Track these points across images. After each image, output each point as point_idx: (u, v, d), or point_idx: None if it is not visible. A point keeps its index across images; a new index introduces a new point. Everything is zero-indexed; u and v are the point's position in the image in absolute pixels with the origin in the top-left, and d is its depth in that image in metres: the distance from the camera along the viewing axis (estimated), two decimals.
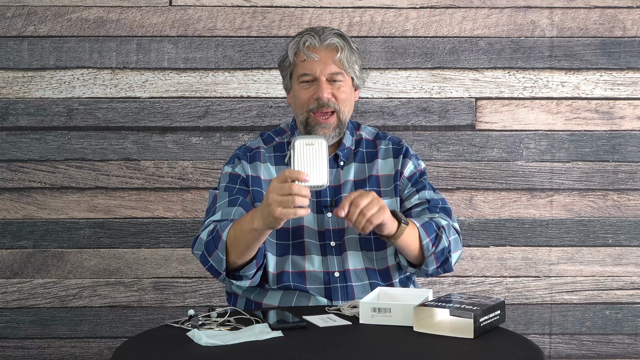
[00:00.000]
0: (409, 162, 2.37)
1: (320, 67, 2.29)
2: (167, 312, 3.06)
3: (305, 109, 2.31)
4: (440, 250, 2.23)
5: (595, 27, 3.07)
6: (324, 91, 2.28)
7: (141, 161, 3.04)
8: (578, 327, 3.12)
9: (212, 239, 2.17)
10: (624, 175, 3.09)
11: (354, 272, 2.28)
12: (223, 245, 2.14)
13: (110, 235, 3.04)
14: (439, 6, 3.05)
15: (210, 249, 2.17)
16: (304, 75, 2.31)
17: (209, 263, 2.19)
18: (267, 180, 2.33)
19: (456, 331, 1.87)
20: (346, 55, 2.30)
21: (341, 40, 2.31)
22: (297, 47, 2.32)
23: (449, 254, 2.25)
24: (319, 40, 2.30)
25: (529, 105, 3.08)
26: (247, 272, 2.21)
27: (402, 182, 2.35)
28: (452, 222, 2.31)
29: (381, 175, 2.36)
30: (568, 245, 3.10)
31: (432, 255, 2.22)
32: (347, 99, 2.33)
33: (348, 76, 2.33)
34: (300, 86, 2.32)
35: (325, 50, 2.30)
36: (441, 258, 2.24)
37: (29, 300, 3.05)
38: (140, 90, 3.03)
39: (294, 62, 2.33)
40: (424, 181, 2.37)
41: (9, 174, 3.02)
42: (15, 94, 3.01)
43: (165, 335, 1.91)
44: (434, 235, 2.21)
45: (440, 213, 2.31)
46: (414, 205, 2.33)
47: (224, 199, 2.29)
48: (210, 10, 3.03)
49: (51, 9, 3.00)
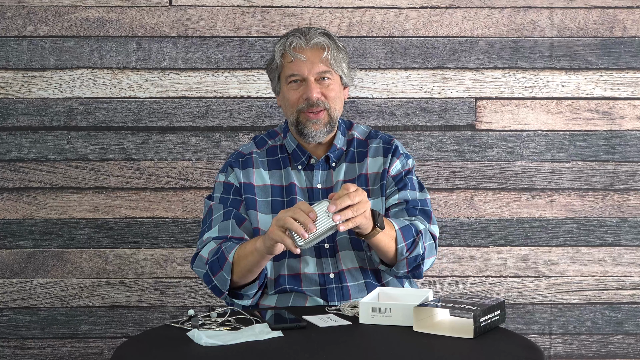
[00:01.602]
0: (397, 160, 2.37)
1: (307, 67, 2.29)
2: (167, 312, 3.06)
3: (295, 109, 2.31)
4: (414, 257, 2.23)
5: (595, 27, 3.06)
6: (313, 91, 2.29)
7: (141, 161, 3.04)
8: (578, 327, 3.12)
9: (217, 260, 2.19)
10: (624, 175, 3.09)
11: (349, 272, 2.29)
12: (229, 267, 2.17)
13: (110, 235, 3.04)
14: (439, 6, 3.05)
15: (214, 269, 2.20)
16: (292, 76, 2.31)
17: (213, 283, 2.22)
18: (260, 185, 2.34)
19: (456, 331, 1.87)
20: (333, 53, 2.31)
21: (327, 39, 2.32)
22: (284, 48, 2.32)
23: (422, 260, 2.25)
24: (304, 41, 2.30)
25: (529, 105, 3.07)
26: (248, 292, 2.24)
27: (387, 180, 2.35)
28: (430, 225, 2.31)
29: (370, 173, 2.36)
30: (568, 245, 3.10)
31: (404, 260, 2.22)
32: (337, 96, 2.33)
33: (336, 74, 2.33)
34: (289, 87, 2.32)
35: (312, 50, 2.30)
36: (413, 264, 2.25)
37: (29, 300, 3.05)
38: (140, 90, 3.03)
39: (281, 63, 2.33)
40: (408, 180, 2.36)
41: (9, 174, 3.02)
42: (15, 94, 3.01)
43: (165, 335, 1.91)
44: (410, 241, 2.21)
45: (418, 216, 2.31)
46: (393, 204, 2.33)
47: (219, 211, 2.31)
48: (210, 10, 3.03)
49: (51, 9, 3.00)
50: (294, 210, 2.00)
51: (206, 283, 2.24)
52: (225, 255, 2.17)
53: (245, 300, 2.25)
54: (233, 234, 2.26)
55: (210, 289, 2.24)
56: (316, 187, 2.34)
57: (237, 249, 2.18)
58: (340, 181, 2.34)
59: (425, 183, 2.85)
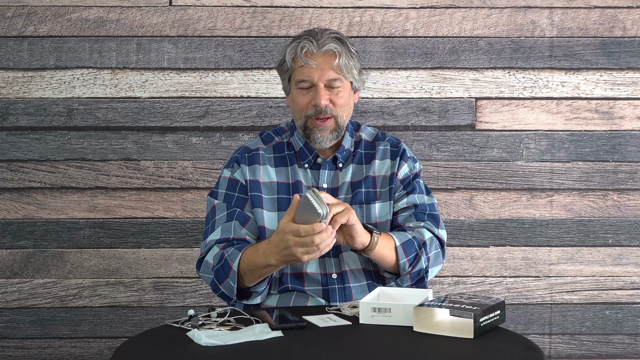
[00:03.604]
0: (405, 164, 2.37)
1: (318, 74, 2.28)
2: (167, 312, 3.06)
3: (304, 114, 2.30)
4: (417, 271, 2.25)
5: (595, 27, 3.06)
6: (322, 98, 2.28)
7: (141, 161, 3.04)
8: (578, 327, 3.12)
9: (222, 268, 2.20)
10: (624, 175, 3.09)
11: (352, 273, 2.29)
12: (234, 276, 2.17)
13: (110, 235, 3.04)
14: (439, 6, 3.05)
15: (220, 278, 2.21)
16: (302, 82, 2.30)
17: (220, 291, 2.23)
18: (267, 182, 2.33)
19: (456, 331, 1.87)
20: (344, 60, 2.29)
21: (339, 45, 2.29)
22: (295, 53, 2.30)
23: (425, 274, 2.27)
24: (316, 46, 2.28)
25: (529, 105, 3.07)
26: (258, 289, 2.24)
27: (396, 184, 2.35)
28: (438, 230, 2.32)
29: (377, 176, 2.36)
30: (568, 245, 3.10)
31: (407, 274, 2.25)
32: (346, 103, 2.32)
33: (347, 80, 2.32)
34: (298, 92, 2.31)
35: (323, 57, 2.29)
36: (417, 277, 2.26)
37: (29, 300, 3.05)
38: (140, 90, 3.03)
39: (292, 67, 2.32)
40: (416, 184, 2.36)
41: (9, 174, 3.02)
42: (15, 94, 3.01)
43: (165, 335, 1.91)
44: (413, 256, 2.22)
45: (427, 221, 2.31)
46: (402, 209, 2.34)
47: (223, 212, 2.31)
48: (210, 10, 3.03)
49: (51, 9, 3.00)
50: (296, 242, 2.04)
51: (214, 291, 2.25)
52: (230, 263, 2.17)
53: (254, 297, 2.25)
54: (235, 236, 2.26)
55: (219, 296, 2.26)
56: (322, 187, 2.34)
57: (242, 257, 2.18)
58: (347, 182, 2.34)
59: (425, 183, 2.85)
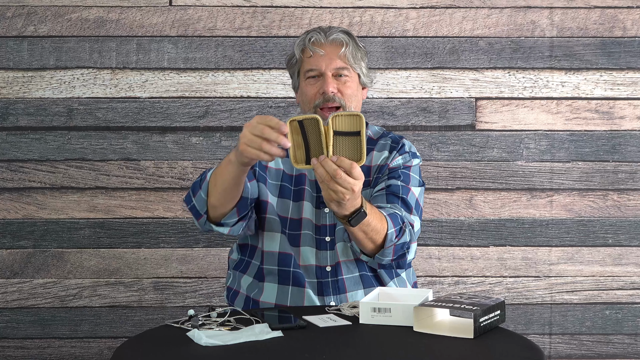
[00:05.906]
0: (399, 157, 2.36)
1: (325, 62, 2.32)
2: (167, 312, 3.07)
3: (312, 104, 2.32)
4: (401, 244, 2.19)
5: (595, 27, 3.06)
6: (329, 85, 2.30)
7: (141, 161, 3.04)
8: (578, 327, 3.12)
9: (199, 181, 2.20)
10: (624, 175, 3.09)
11: (344, 264, 2.30)
12: (206, 186, 2.16)
13: (110, 235, 3.05)
14: (439, 6, 3.05)
15: (195, 190, 2.20)
16: (310, 71, 2.33)
17: (192, 203, 2.20)
18: (273, 169, 2.35)
19: (456, 331, 1.87)
20: (351, 50, 2.33)
21: (346, 37, 2.35)
22: (303, 43, 2.35)
23: (407, 249, 2.22)
24: (324, 36, 2.34)
25: (529, 105, 3.07)
26: (228, 220, 2.20)
27: (383, 172, 2.35)
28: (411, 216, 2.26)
29: (372, 165, 2.37)
30: (568, 245, 3.10)
31: (392, 246, 2.17)
32: (353, 94, 2.34)
33: (354, 72, 2.35)
34: (307, 82, 2.34)
35: (331, 45, 2.33)
36: (399, 252, 2.21)
37: (29, 300, 3.05)
38: (140, 90, 3.03)
39: (301, 58, 2.35)
40: (402, 173, 2.32)
41: (9, 174, 3.02)
42: (15, 94, 3.01)
43: (165, 335, 1.91)
44: (398, 228, 2.19)
45: (395, 204, 2.26)
46: (377, 190, 2.30)
47: None
48: (210, 10, 3.03)
49: (51, 9, 3.00)
50: (262, 129, 1.92)
51: (186, 203, 2.22)
52: (206, 175, 2.18)
53: (224, 228, 2.21)
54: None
55: (190, 210, 2.21)
56: None
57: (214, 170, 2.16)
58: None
59: (425, 183, 2.84)
